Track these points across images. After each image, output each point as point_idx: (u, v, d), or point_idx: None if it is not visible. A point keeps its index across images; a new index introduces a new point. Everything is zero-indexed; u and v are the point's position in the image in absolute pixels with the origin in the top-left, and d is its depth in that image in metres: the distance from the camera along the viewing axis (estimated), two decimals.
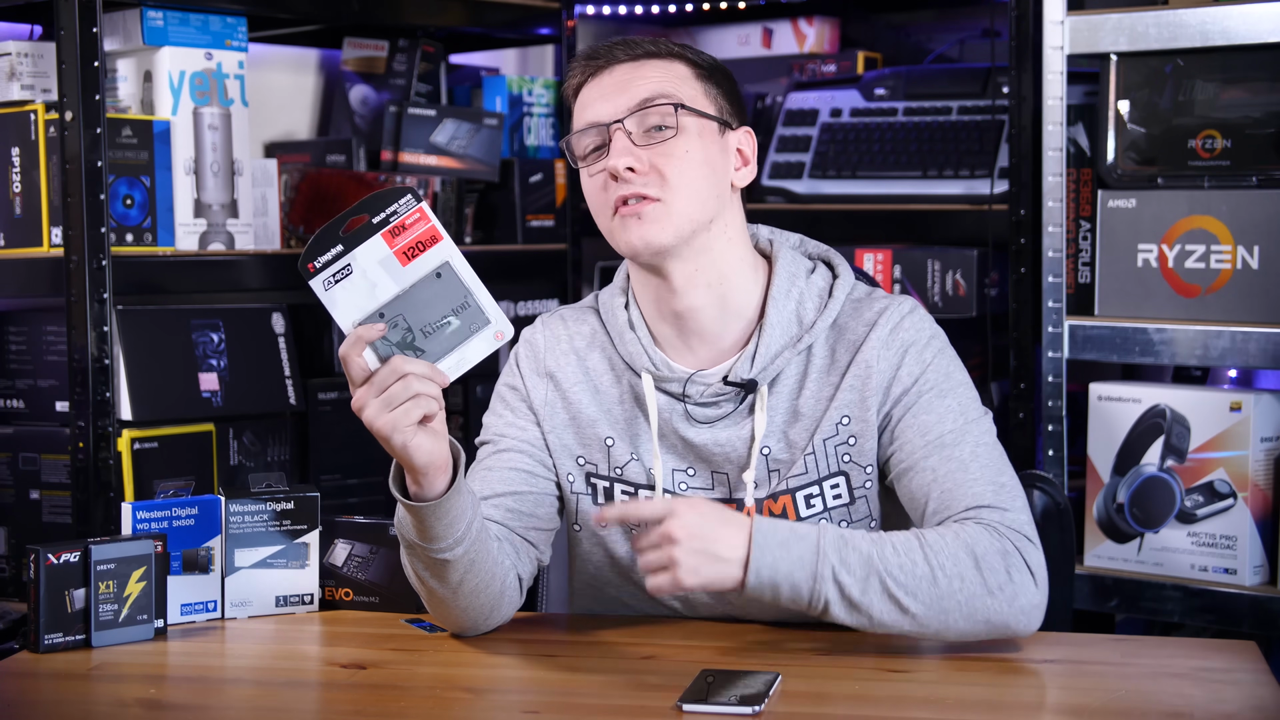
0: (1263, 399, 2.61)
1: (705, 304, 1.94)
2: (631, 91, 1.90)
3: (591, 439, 1.99)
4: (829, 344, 1.95)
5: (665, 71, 1.92)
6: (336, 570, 2.09)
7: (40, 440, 2.63)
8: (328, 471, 2.92)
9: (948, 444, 1.88)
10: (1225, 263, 2.64)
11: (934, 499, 1.86)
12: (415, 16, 3.17)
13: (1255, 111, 2.63)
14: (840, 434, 1.92)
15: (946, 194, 3.07)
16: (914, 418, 1.90)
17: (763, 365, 1.92)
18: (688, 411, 1.95)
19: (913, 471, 1.89)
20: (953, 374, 1.93)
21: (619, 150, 1.88)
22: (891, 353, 1.92)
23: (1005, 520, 1.82)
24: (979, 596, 1.77)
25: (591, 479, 2.00)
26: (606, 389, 2.00)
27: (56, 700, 1.78)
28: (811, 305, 1.95)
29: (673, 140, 1.89)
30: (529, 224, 3.30)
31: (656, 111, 1.89)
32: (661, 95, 1.90)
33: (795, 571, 1.75)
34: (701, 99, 1.93)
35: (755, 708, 1.63)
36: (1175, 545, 2.67)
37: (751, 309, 1.96)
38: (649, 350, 1.96)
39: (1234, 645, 1.88)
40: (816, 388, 1.94)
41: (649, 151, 1.89)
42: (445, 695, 1.75)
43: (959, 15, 3.48)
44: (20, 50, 2.65)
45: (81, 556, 1.91)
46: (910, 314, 1.94)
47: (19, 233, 2.64)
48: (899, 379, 1.91)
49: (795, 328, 1.94)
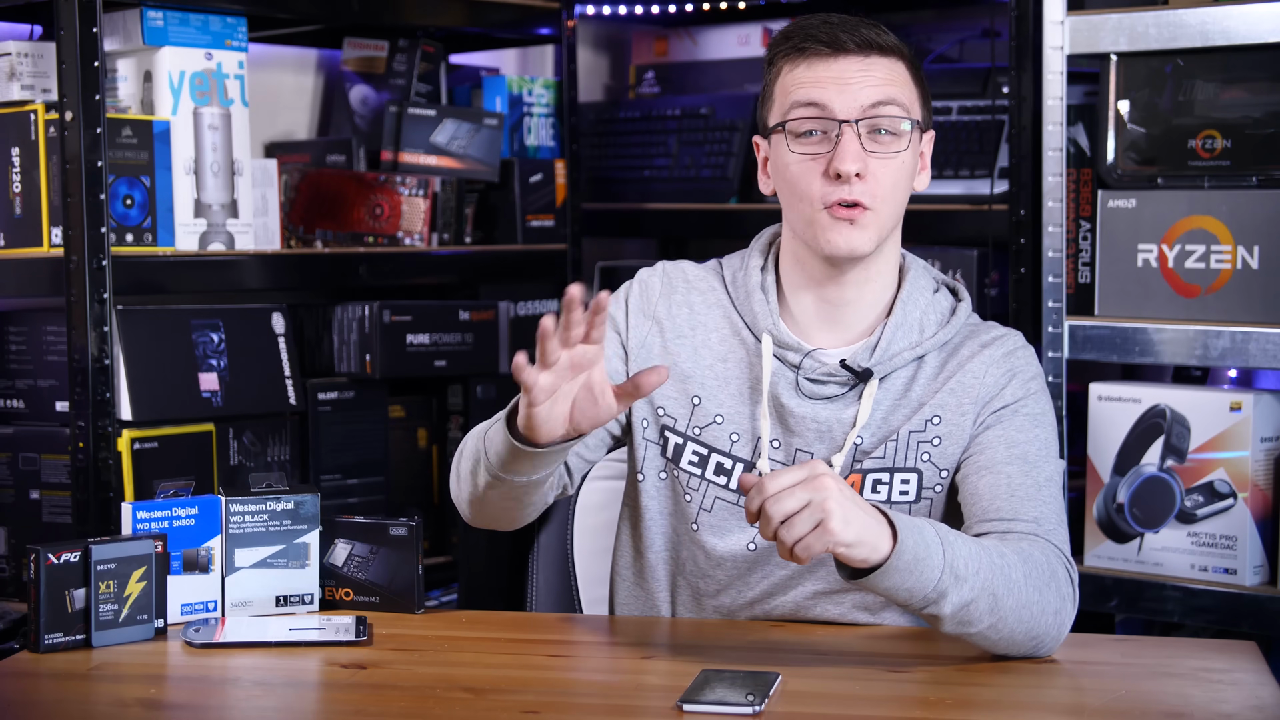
0: (1263, 399, 2.61)
1: (857, 298, 1.99)
2: (865, 90, 1.91)
3: (679, 392, 2.00)
4: (941, 357, 1.99)
5: (892, 72, 1.93)
6: (336, 570, 2.09)
7: (40, 440, 2.63)
8: (328, 471, 2.92)
9: (1030, 461, 1.92)
10: (1225, 263, 2.64)
11: (1002, 499, 1.89)
12: (415, 16, 3.17)
13: (1255, 111, 2.63)
14: (927, 431, 1.95)
15: (946, 194, 3.07)
16: (1004, 431, 1.94)
17: (881, 359, 1.96)
18: (798, 382, 1.97)
19: (989, 472, 1.92)
20: (1047, 414, 1.98)
21: (852, 154, 1.89)
22: (1000, 372, 1.97)
23: (1064, 551, 1.88)
24: (1047, 613, 1.81)
25: (666, 431, 2.01)
26: (714, 345, 2.01)
27: (56, 700, 1.78)
28: (934, 319, 2.00)
29: (898, 151, 1.92)
30: (529, 224, 3.30)
31: (889, 119, 1.91)
32: (894, 102, 1.91)
33: (927, 559, 1.72)
34: (917, 104, 1.96)
35: (755, 708, 1.63)
36: (1175, 545, 2.67)
37: (884, 305, 2.00)
38: (775, 315, 1.99)
39: (1234, 645, 1.88)
40: (921, 393, 1.97)
41: (874, 159, 1.91)
42: (445, 695, 1.75)
43: (959, 15, 3.48)
44: (20, 50, 2.65)
45: (81, 556, 1.91)
46: (1024, 347, 2.01)
47: (19, 233, 2.64)
48: (1001, 396, 1.96)
49: (916, 334, 1.98)
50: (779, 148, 1.95)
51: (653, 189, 3.46)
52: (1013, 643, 1.79)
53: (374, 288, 3.12)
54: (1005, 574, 1.77)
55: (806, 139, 1.92)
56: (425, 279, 3.15)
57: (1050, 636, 1.81)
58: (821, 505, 1.65)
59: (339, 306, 2.98)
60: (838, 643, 1.89)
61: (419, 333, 3.01)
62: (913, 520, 1.74)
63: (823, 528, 1.65)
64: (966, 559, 1.75)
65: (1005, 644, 1.79)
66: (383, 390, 3.02)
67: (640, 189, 3.49)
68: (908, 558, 1.70)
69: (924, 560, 1.71)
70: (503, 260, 3.22)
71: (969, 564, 1.75)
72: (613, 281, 3.42)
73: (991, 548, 1.80)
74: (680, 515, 2.01)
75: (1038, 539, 1.87)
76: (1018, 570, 1.78)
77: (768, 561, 1.97)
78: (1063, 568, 1.85)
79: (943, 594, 1.73)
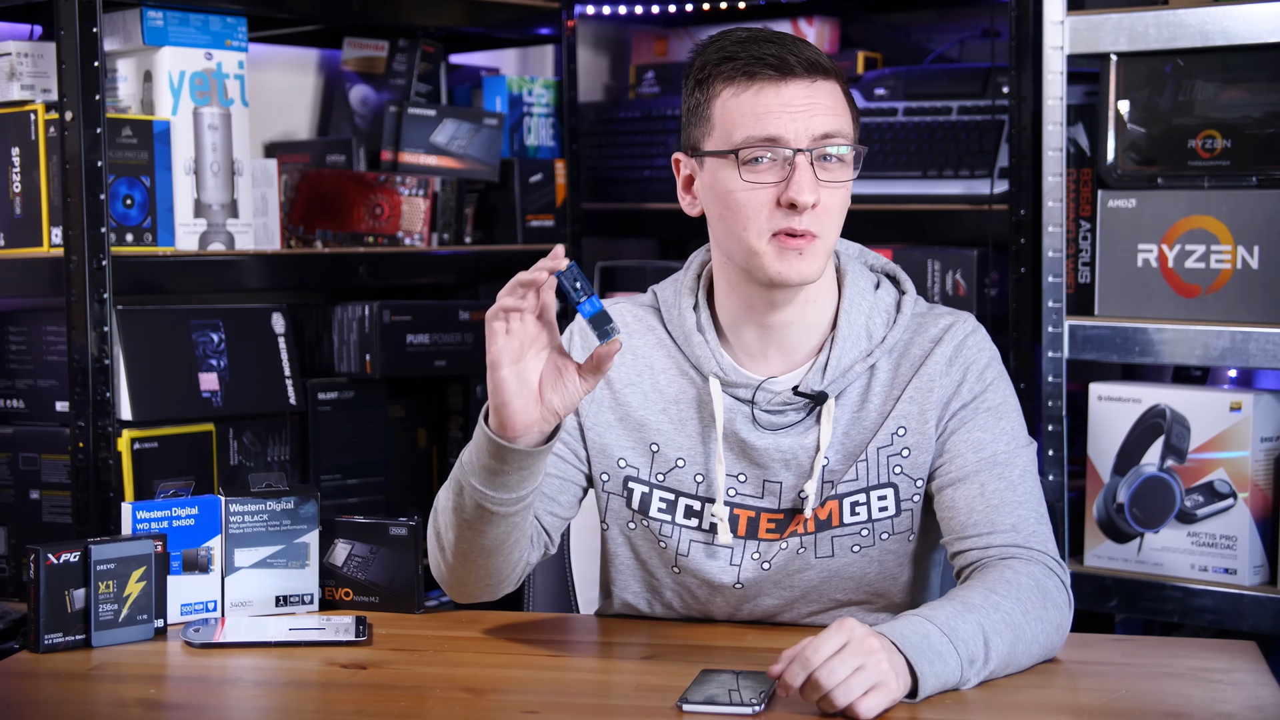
0: (1263, 399, 2.61)
1: (796, 320, 1.94)
2: (815, 119, 1.87)
3: (636, 441, 1.98)
4: (893, 359, 1.96)
5: (834, 97, 1.89)
6: (336, 570, 2.09)
7: (40, 440, 2.63)
8: (328, 471, 2.92)
9: (1000, 463, 1.91)
10: (1225, 263, 2.64)
11: (978, 512, 1.89)
12: (415, 16, 3.17)
13: (1255, 111, 2.63)
14: (895, 444, 1.93)
15: (946, 194, 3.06)
16: (969, 433, 1.92)
17: (833, 378, 1.93)
18: (754, 416, 1.95)
19: (962, 483, 1.91)
20: (1009, 399, 1.96)
21: (807, 184, 1.85)
22: (955, 370, 1.94)
23: (1049, 551, 1.88)
24: (1049, 635, 1.81)
25: (630, 482, 1.98)
26: (664, 388, 1.98)
27: (56, 700, 1.78)
28: (880, 321, 1.97)
29: (845, 180, 1.90)
30: (529, 224, 3.30)
31: (836, 149, 1.88)
32: (840, 134, 1.88)
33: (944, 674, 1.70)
34: (852, 126, 1.92)
35: (755, 708, 1.63)
36: (1175, 545, 2.67)
37: (826, 321, 1.96)
38: (717, 355, 1.95)
39: (1234, 645, 1.88)
40: (879, 401, 1.95)
41: (825, 189, 1.87)
42: (445, 695, 1.75)
43: (959, 15, 3.48)
44: (20, 50, 2.65)
45: (81, 556, 1.91)
46: (974, 333, 1.97)
47: (19, 233, 2.64)
48: (959, 395, 1.93)
49: (865, 342, 1.95)
50: (721, 173, 1.89)
51: (653, 189, 3.46)
52: (1027, 668, 1.81)
53: (374, 288, 3.12)
54: (1012, 628, 1.76)
55: (755, 166, 1.87)
56: (425, 279, 3.15)
57: (1055, 648, 1.83)
58: (877, 668, 1.64)
59: (339, 306, 2.98)
60: None
61: (419, 333, 3.01)
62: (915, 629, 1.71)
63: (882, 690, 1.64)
64: (973, 640, 1.73)
65: (1021, 670, 1.80)
66: (383, 390, 3.02)
67: (640, 189, 3.49)
68: (931, 683, 1.68)
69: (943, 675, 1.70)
70: (503, 260, 3.22)
71: (979, 646, 1.73)
72: (613, 281, 3.43)
73: (989, 605, 1.77)
74: (660, 560, 1.99)
75: (1020, 551, 1.86)
76: (1018, 615, 1.77)
77: (757, 595, 1.97)
78: (1053, 578, 1.84)
79: (966, 682, 1.73)
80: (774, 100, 1.87)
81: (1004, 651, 1.75)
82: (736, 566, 1.95)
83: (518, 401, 1.76)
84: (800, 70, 1.87)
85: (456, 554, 1.89)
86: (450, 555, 1.90)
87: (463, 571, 1.91)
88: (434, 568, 1.95)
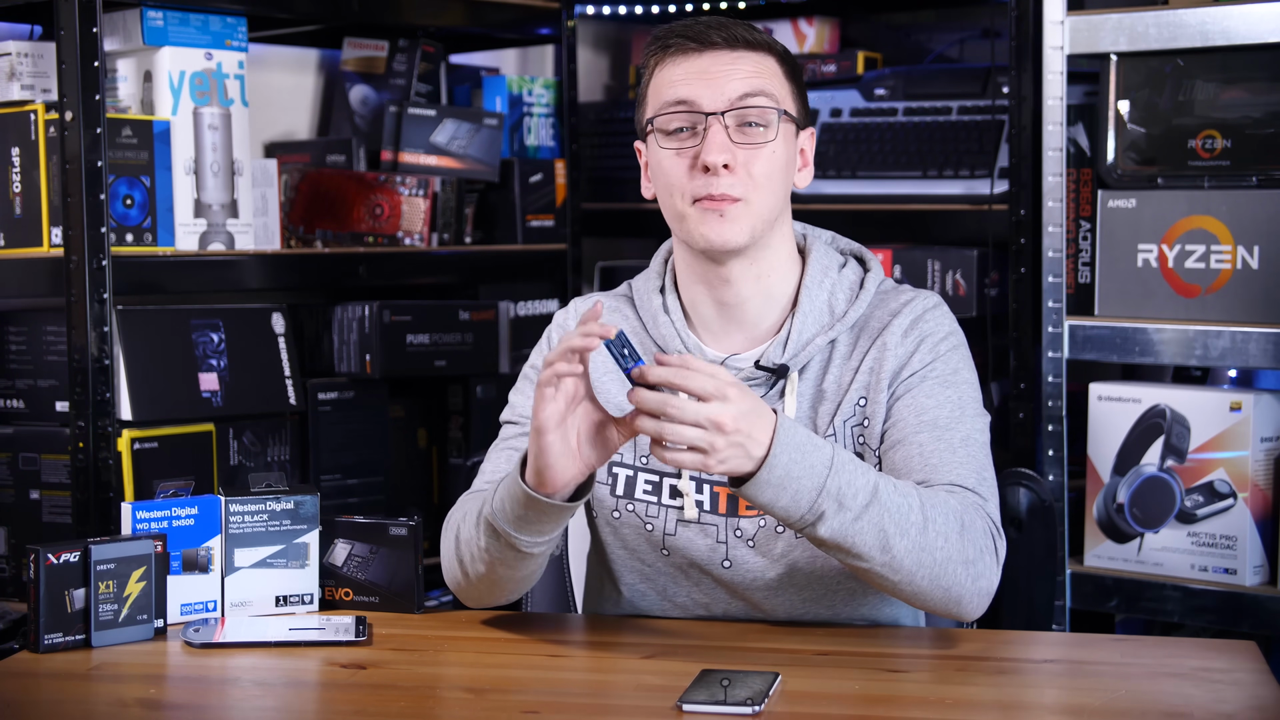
0: (1263, 399, 2.61)
1: (752, 295, 1.97)
2: (732, 83, 1.91)
3: None
4: (854, 331, 1.98)
5: (760, 66, 1.93)
6: (336, 570, 2.09)
7: (40, 440, 2.63)
8: (328, 471, 2.92)
9: (941, 426, 1.91)
10: (1225, 263, 2.64)
11: (917, 473, 1.88)
12: (415, 16, 3.17)
13: (1255, 111, 2.63)
14: (856, 415, 1.95)
15: (946, 194, 3.06)
16: (913, 399, 1.93)
17: (794, 352, 1.95)
18: None
19: (901, 445, 1.91)
20: (960, 371, 1.96)
21: (718, 145, 1.89)
22: (910, 340, 1.95)
23: (986, 508, 1.86)
24: (954, 562, 1.79)
25: (614, 467, 2.01)
26: None
27: (56, 700, 1.78)
28: (843, 296, 1.99)
29: (766, 142, 1.91)
30: (529, 224, 3.29)
31: (757, 110, 1.90)
32: (763, 94, 1.91)
33: (804, 478, 1.73)
34: (790, 99, 1.95)
35: (755, 708, 1.63)
36: (1175, 545, 2.67)
37: (787, 298, 1.99)
38: (682, 334, 1.99)
39: (1234, 645, 1.88)
40: (839, 372, 1.96)
41: (743, 151, 1.90)
42: (445, 695, 1.75)
43: (959, 15, 3.48)
44: (20, 50, 2.65)
45: (81, 556, 1.91)
46: (934, 309, 1.98)
47: (19, 233, 2.64)
48: (910, 364, 1.94)
49: (827, 316, 1.97)
50: (653, 147, 1.95)
51: None
52: (917, 590, 1.79)
53: (374, 288, 3.12)
54: (903, 514, 1.76)
55: (676, 135, 1.92)
56: (425, 279, 3.15)
57: (967, 590, 1.80)
58: (711, 442, 1.69)
59: (339, 306, 2.98)
60: (838, 643, 1.88)
61: (419, 333, 3.01)
62: (810, 443, 1.74)
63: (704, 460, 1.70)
64: (857, 490, 1.74)
65: (909, 589, 1.79)
66: (383, 390, 3.02)
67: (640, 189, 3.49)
68: (779, 473, 1.71)
69: (798, 479, 1.72)
70: (503, 260, 3.22)
71: (859, 496, 1.74)
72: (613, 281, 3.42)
73: (901, 488, 1.78)
74: (648, 544, 2.00)
75: (956, 490, 1.85)
76: (917, 513, 1.77)
77: (747, 574, 1.97)
78: (981, 519, 1.83)
79: (819, 517, 1.73)
80: (691, 68, 1.92)
81: (887, 530, 1.74)
82: (723, 544, 1.96)
83: (561, 462, 1.77)
84: (721, 43, 1.92)
85: (483, 581, 1.93)
86: (475, 579, 1.93)
87: (485, 590, 1.95)
88: (452, 583, 1.98)
